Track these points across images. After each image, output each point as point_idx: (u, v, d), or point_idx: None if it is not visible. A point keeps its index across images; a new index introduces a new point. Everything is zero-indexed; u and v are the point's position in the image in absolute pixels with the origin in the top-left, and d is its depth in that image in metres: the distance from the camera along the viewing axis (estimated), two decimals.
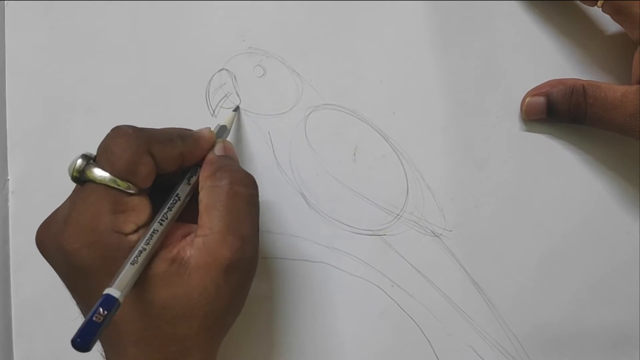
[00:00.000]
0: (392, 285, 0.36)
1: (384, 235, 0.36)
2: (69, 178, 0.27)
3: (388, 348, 0.36)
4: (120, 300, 0.24)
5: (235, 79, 0.36)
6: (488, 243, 0.36)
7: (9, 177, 0.36)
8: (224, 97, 0.36)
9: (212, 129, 0.32)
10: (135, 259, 0.25)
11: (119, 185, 0.26)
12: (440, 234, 0.36)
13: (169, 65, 0.36)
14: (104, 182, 0.26)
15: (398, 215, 0.36)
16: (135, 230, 0.27)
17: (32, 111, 0.36)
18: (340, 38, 0.36)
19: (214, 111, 0.36)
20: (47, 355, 0.36)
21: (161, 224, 0.27)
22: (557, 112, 0.34)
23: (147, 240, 0.26)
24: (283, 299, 0.35)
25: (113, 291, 0.24)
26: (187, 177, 0.30)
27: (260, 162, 0.36)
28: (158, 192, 0.29)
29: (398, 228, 0.36)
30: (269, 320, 0.35)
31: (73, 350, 0.27)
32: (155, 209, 0.28)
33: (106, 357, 0.29)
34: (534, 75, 0.35)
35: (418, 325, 0.36)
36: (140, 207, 0.27)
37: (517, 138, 0.36)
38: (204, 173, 0.29)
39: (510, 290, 0.36)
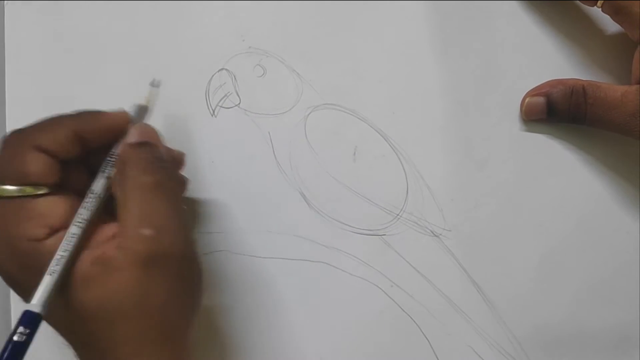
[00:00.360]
0: (392, 285, 0.36)
1: (384, 235, 0.36)
2: None
3: (387, 348, 0.36)
4: (42, 313, 0.23)
5: (235, 78, 0.36)
6: (488, 243, 0.36)
7: None
8: (223, 97, 0.36)
9: (129, 109, 0.30)
10: (53, 268, 0.24)
11: (25, 193, 0.26)
12: (440, 234, 0.36)
13: (169, 65, 0.36)
14: (7, 195, 0.26)
15: (398, 215, 0.36)
16: (51, 234, 0.26)
17: (32, 111, 0.36)
18: (340, 38, 0.36)
19: (213, 111, 0.36)
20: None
21: (78, 227, 0.26)
22: (557, 112, 0.34)
23: (64, 246, 0.25)
24: (283, 299, 0.35)
25: (33, 306, 0.23)
26: (101, 169, 0.28)
27: (260, 162, 0.36)
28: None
29: (398, 228, 0.36)
30: (269, 320, 0.35)
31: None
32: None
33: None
34: (534, 75, 0.35)
35: (417, 325, 0.36)
36: (50, 207, 0.26)
37: (517, 138, 0.36)
38: (116, 165, 0.28)
39: (510, 291, 0.36)
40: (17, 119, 0.36)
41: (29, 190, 0.26)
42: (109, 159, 0.28)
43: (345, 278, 0.35)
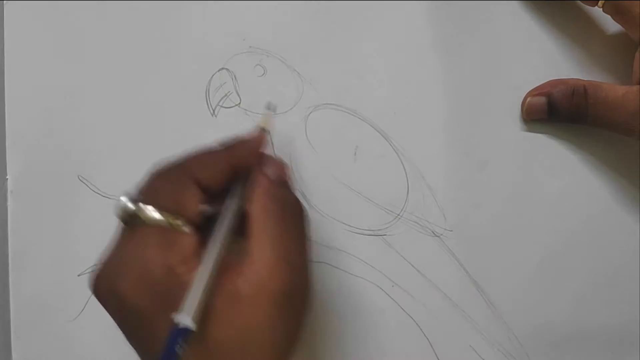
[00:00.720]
0: (393, 285, 0.36)
1: (385, 235, 0.36)
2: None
3: (388, 348, 0.36)
4: (194, 329, 0.23)
5: (235, 78, 0.36)
6: (488, 243, 0.36)
7: (7, 177, 0.36)
8: (224, 97, 0.36)
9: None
10: (197, 291, 0.24)
11: (172, 225, 0.26)
12: (441, 234, 0.36)
13: (169, 65, 0.36)
14: (156, 224, 0.26)
15: (398, 215, 0.36)
16: (185, 264, 0.26)
17: (31, 111, 0.36)
18: (340, 38, 0.36)
19: (214, 111, 0.36)
20: (46, 356, 0.36)
21: (214, 259, 0.26)
22: (558, 112, 0.34)
23: (204, 274, 0.25)
24: None
25: (187, 320, 0.23)
26: (233, 199, 0.28)
27: None
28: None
29: (398, 228, 0.36)
30: None
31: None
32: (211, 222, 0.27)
33: None
34: (534, 75, 0.35)
35: (418, 325, 0.36)
36: (190, 240, 0.26)
37: (518, 138, 0.36)
38: (255, 193, 0.28)
39: (510, 290, 0.36)
40: (17, 118, 0.36)
41: (173, 222, 0.26)
42: (240, 188, 0.28)
43: (345, 278, 0.35)
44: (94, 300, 0.36)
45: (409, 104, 0.36)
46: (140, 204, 0.26)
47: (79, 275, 0.36)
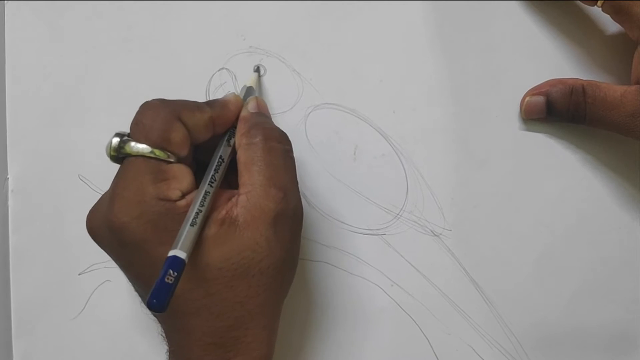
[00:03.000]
0: (392, 285, 0.36)
1: (384, 234, 0.36)
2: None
3: (387, 347, 0.36)
4: (186, 260, 0.24)
5: (235, 78, 0.36)
6: (487, 242, 0.36)
7: (8, 176, 0.36)
8: None
9: (238, 93, 0.32)
10: (194, 220, 0.25)
11: (157, 155, 0.27)
12: (440, 234, 0.36)
13: (169, 65, 0.36)
14: (141, 154, 0.27)
15: (398, 214, 0.36)
16: (181, 197, 0.27)
17: (31, 110, 0.36)
18: (340, 37, 0.36)
19: None
20: (47, 355, 0.36)
21: (211, 186, 0.27)
22: (557, 111, 0.34)
23: (201, 202, 0.26)
24: None
25: (178, 252, 0.24)
26: (226, 138, 0.30)
27: None
28: (196, 168, 0.29)
29: (398, 227, 0.36)
30: None
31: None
32: (197, 180, 0.28)
33: (166, 335, 0.28)
34: (534, 75, 0.35)
35: (417, 325, 0.36)
36: (182, 173, 0.27)
37: (516, 137, 0.36)
38: (239, 131, 0.30)
39: (509, 290, 0.36)
40: (17, 118, 0.36)
41: (161, 154, 0.27)
42: (232, 130, 0.30)
43: (345, 277, 0.36)
44: (94, 300, 0.36)
45: (408, 103, 0.36)
46: (126, 138, 0.27)
47: (79, 275, 0.36)
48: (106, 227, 0.26)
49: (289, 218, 0.28)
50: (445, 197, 0.36)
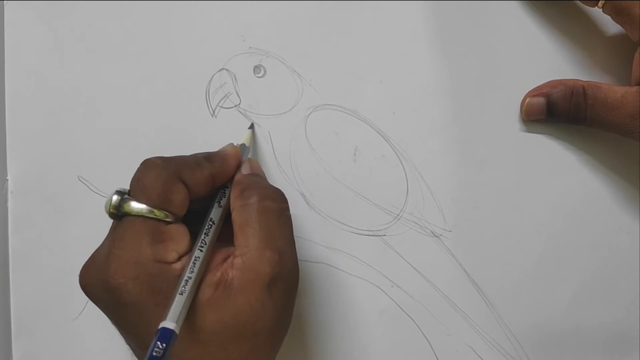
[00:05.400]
0: (392, 286, 0.36)
1: (384, 235, 0.36)
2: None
3: (388, 348, 0.36)
4: (177, 331, 0.24)
5: (235, 78, 0.36)
6: (488, 243, 0.36)
7: (8, 177, 0.36)
8: (224, 97, 0.36)
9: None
10: (183, 288, 0.25)
11: (156, 215, 0.27)
12: (440, 235, 0.36)
13: (169, 65, 0.36)
14: (141, 214, 0.26)
15: (398, 215, 0.36)
16: (178, 259, 0.27)
17: (31, 111, 0.36)
18: (340, 38, 0.36)
19: (213, 111, 0.36)
20: (47, 356, 0.36)
21: (201, 250, 0.27)
22: (557, 112, 0.34)
23: (191, 268, 0.26)
24: None
25: (168, 324, 0.24)
26: (217, 200, 0.30)
27: (260, 162, 0.36)
28: (192, 218, 0.29)
29: (398, 228, 0.36)
30: None
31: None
32: (193, 235, 0.28)
33: None
34: (534, 76, 0.35)
35: (417, 326, 0.36)
36: (179, 234, 0.27)
37: (516, 138, 0.36)
38: (233, 194, 0.30)
39: (509, 290, 0.36)
40: (17, 119, 0.36)
41: (161, 214, 0.27)
42: (223, 190, 0.30)
43: (345, 278, 0.36)
44: None
45: (408, 104, 0.36)
46: (126, 196, 0.27)
47: (79, 276, 0.36)
48: (101, 286, 0.26)
49: (284, 281, 0.27)
50: (445, 198, 0.36)
